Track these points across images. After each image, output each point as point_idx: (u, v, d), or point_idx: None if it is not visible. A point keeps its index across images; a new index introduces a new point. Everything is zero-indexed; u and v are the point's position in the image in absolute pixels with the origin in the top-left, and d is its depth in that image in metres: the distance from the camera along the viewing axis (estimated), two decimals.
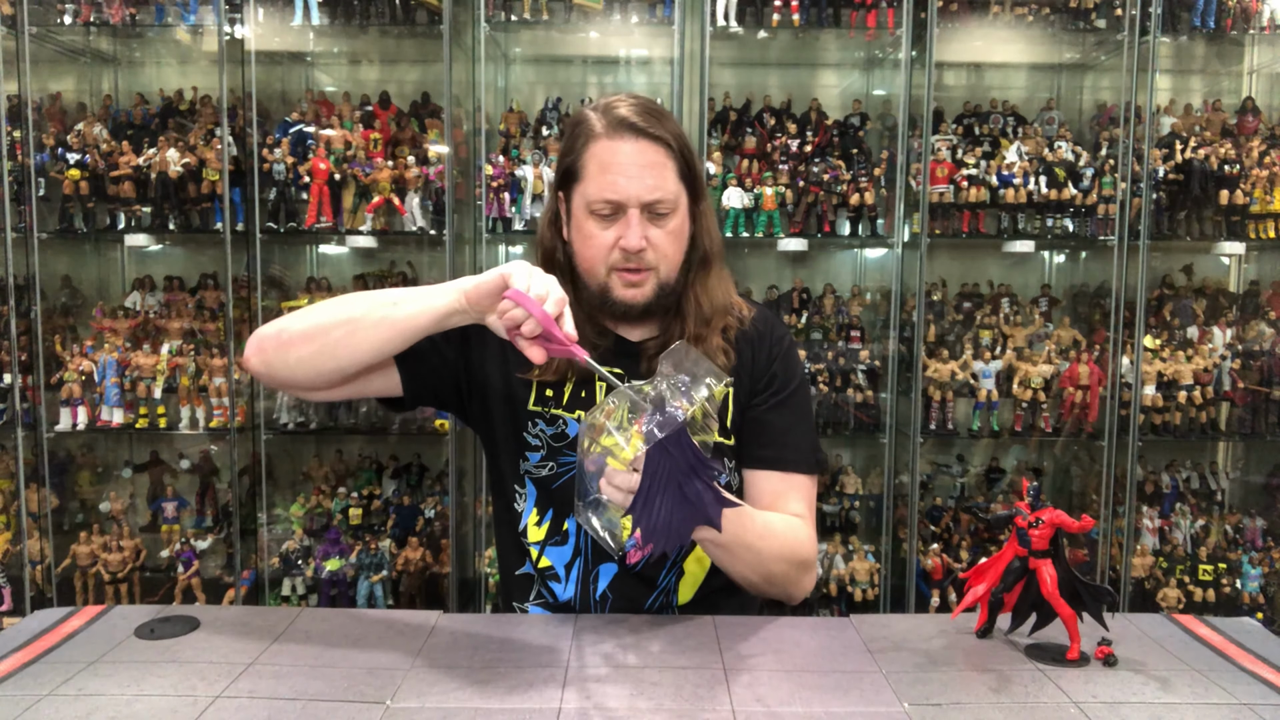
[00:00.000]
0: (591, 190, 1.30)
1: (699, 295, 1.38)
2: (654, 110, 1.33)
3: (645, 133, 1.29)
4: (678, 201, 1.33)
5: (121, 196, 2.81)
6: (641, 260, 1.32)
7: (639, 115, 1.30)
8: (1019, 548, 1.15)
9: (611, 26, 2.90)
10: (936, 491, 3.05)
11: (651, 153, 1.30)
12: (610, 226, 1.31)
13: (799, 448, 1.40)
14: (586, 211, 1.32)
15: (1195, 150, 2.82)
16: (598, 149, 1.30)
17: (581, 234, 1.34)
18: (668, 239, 1.33)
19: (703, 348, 1.36)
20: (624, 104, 1.32)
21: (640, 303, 1.34)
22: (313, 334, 1.25)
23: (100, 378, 2.83)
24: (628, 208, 1.29)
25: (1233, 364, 2.86)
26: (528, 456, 1.40)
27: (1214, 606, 2.83)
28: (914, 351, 2.80)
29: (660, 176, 1.30)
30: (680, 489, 1.06)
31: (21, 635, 1.19)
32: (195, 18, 2.79)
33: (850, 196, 2.82)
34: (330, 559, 2.80)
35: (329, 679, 1.06)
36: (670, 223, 1.32)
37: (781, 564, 1.31)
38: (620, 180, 1.28)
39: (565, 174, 1.35)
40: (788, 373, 1.43)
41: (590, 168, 1.31)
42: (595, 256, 1.32)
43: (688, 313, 1.38)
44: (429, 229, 2.81)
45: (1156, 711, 1.00)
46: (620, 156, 1.29)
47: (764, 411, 1.41)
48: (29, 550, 2.86)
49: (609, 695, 1.03)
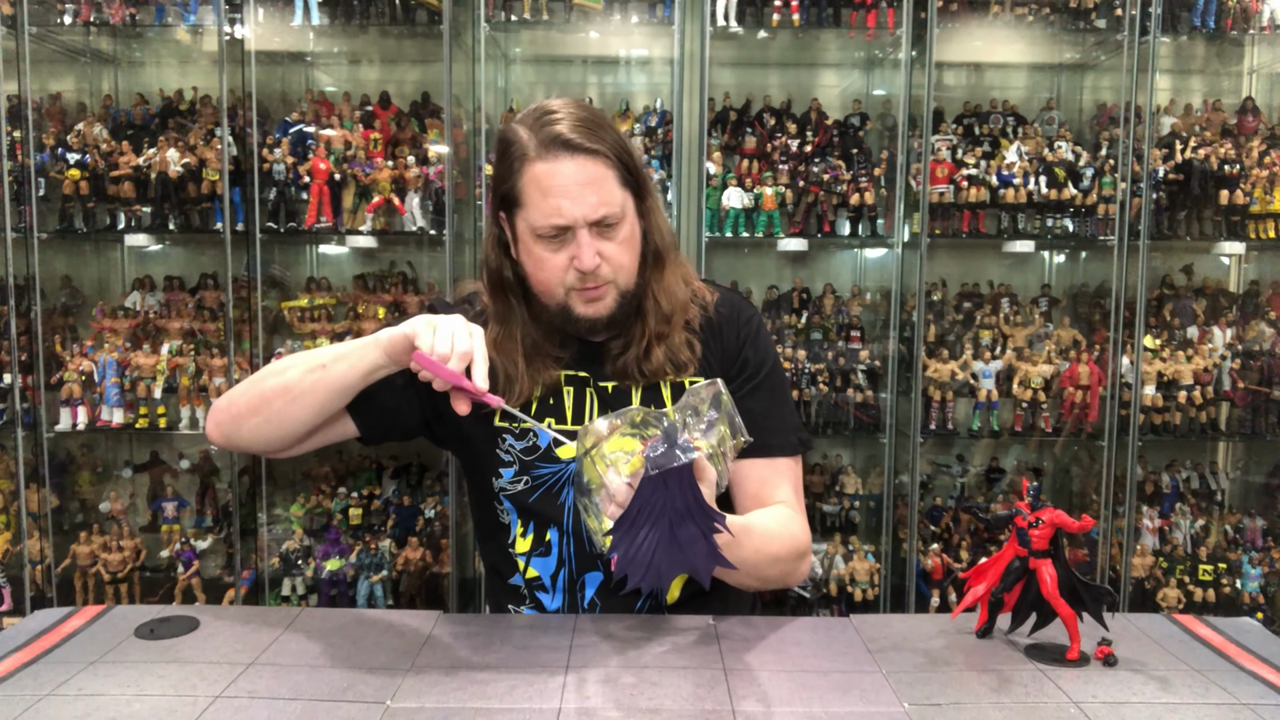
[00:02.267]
0: (535, 217, 1.26)
1: (657, 293, 1.36)
2: (585, 120, 1.27)
3: (581, 148, 1.24)
4: (625, 210, 1.29)
5: (121, 196, 2.81)
6: (598, 277, 1.29)
7: (571, 130, 1.24)
8: (1019, 548, 1.15)
9: (611, 26, 2.90)
10: (936, 491, 3.05)
11: (590, 168, 1.25)
12: (561, 249, 1.28)
13: (780, 430, 1.38)
14: (534, 237, 1.28)
15: (1195, 150, 2.82)
16: (534, 172, 1.25)
17: (533, 259, 1.30)
18: (621, 249, 1.30)
19: (666, 344, 1.35)
20: (555, 119, 1.26)
21: (604, 315, 1.32)
22: (256, 406, 1.31)
23: (100, 378, 2.82)
24: (575, 229, 1.26)
25: (1233, 364, 2.86)
26: (501, 474, 1.38)
27: (1214, 606, 2.83)
28: (914, 351, 2.80)
29: (603, 191, 1.26)
30: (671, 528, 0.99)
31: (21, 635, 1.19)
32: (195, 18, 2.79)
33: (850, 196, 2.81)
34: (330, 559, 2.80)
35: (329, 679, 1.06)
36: (620, 233, 1.29)
37: (778, 565, 1.30)
38: (564, 203, 1.24)
39: (504, 199, 1.31)
40: (760, 355, 1.41)
41: (530, 193, 1.26)
42: (550, 279, 1.30)
43: (647, 310, 1.36)
44: (429, 229, 2.80)
45: (1156, 711, 1.00)
46: (559, 179, 1.24)
47: (740, 399, 1.35)
48: (29, 550, 2.86)
49: (609, 695, 1.03)
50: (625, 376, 1.37)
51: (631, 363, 1.35)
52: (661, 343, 1.35)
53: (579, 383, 1.39)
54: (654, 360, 1.35)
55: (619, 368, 1.37)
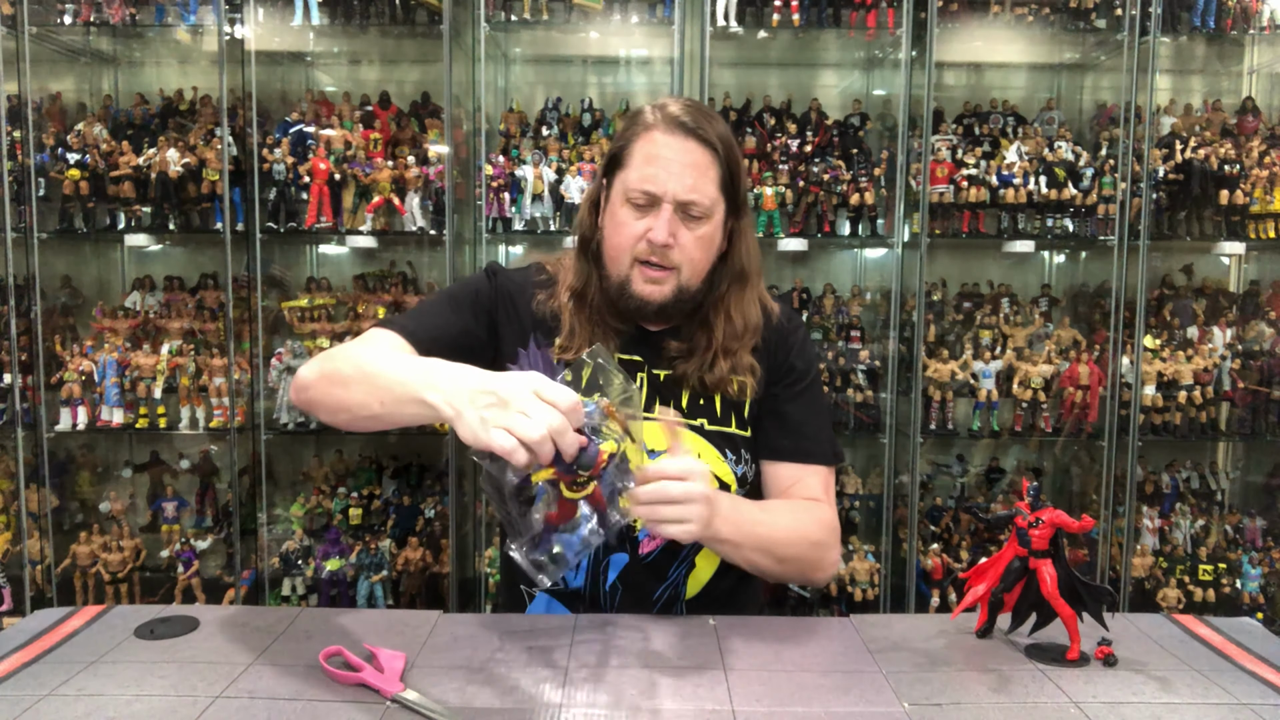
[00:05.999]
0: (632, 178, 1.33)
1: (732, 310, 1.40)
2: (708, 114, 1.36)
3: (694, 132, 1.32)
4: (713, 209, 1.35)
5: (121, 196, 2.81)
6: (665, 257, 1.33)
7: (690, 115, 1.33)
8: (1019, 548, 1.15)
9: (611, 26, 2.90)
10: (936, 491, 3.05)
11: (696, 153, 1.32)
12: (643, 217, 1.33)
13: (817, 439, 1.43)
14: (623, 198, 1.34)
15: (1195, 150, 2.81)
16: (646, 140, 1.33)
17: (614, 220, 1.36)
18: (696, 243, 1.34)
19: (732, 361, 1.39)
20: (678, 103, 1.35)
21: (657, 301, 1.35)
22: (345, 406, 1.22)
23: (100, 378, 2.82)
24: (662, 202, 1.31)
25: (1233, 364, 2.86)
26: None
27: (1214, 606, 2.83)
28: (914, 351, 2.80)
29: (700, 178, 1.32)
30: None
31: (21, 635, 1.19)
32: (195, 18, 2.79)
33: (850, 196, 2.81)
34: (330, 559, 2.80)
35: (329, 679, 1.06)
36: (701, 228, 1.34)
37: (793, 546, 1.32)
38: (660, 173, 1.31)
39: (611, 159, 1.38)
40: (805, 364, 1.46)
41: (635, 157, 1.34)
42: (623, 244, 1.34)
43: (715, 324, 1.40)
44: (429, 229, 2.80)
45: (1156, 711, 1.00)
46: (665, 150, 1.32)
47: (782, 403, 1.43)
48: (29, 550, 2.86)
49: (609, 695, 1.03)
50: (683, 383, 1.40)
51: (693, 372, 1.39)
52: (729, 358, 1.39)
53: (630, 368, 1.41)
54: (717, 373, 1.39)
55: (678, 375, 1.40)
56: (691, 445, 1.34)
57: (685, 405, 1.41)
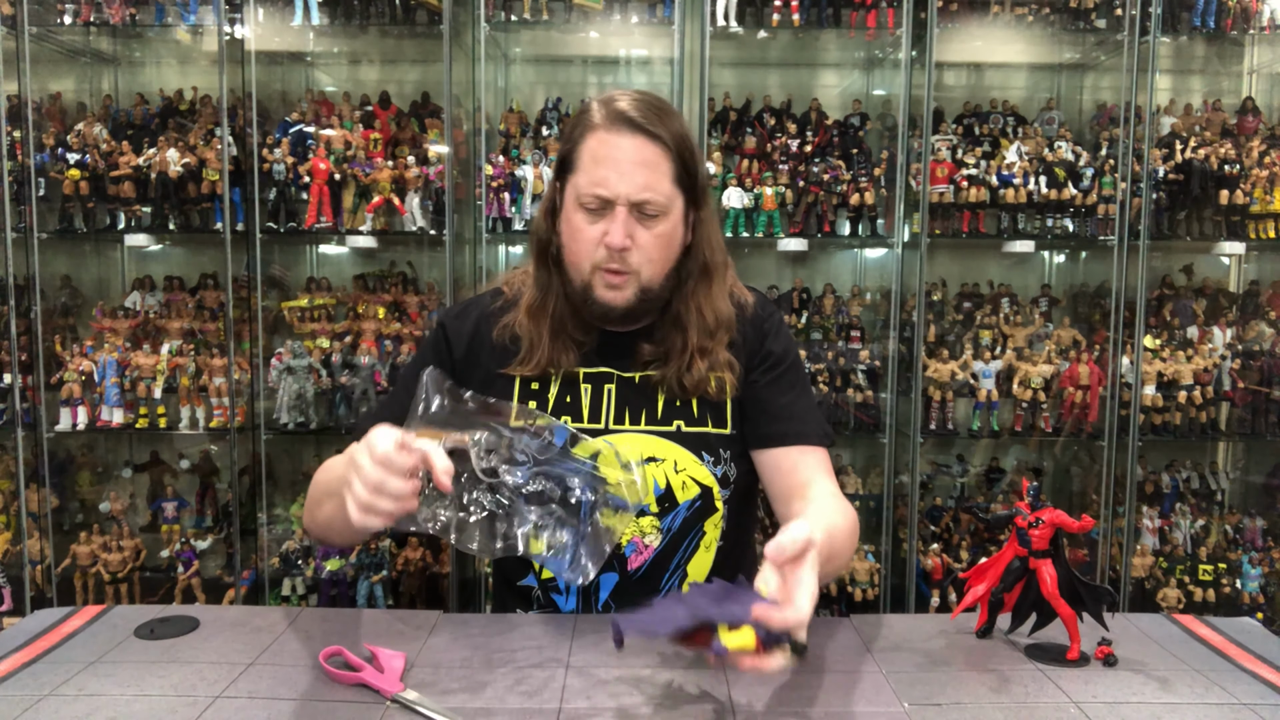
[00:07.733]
0: (583, 183, 1.28)
1: (702, 307, 1.36)
2: (657, 107, 1.30)
3: (642, 129, 1.26)
4: (670, 205, 1.29)
5: (121, 196, 2.81)
6: (624, 261, 1.29)
7: (639, 111, 1.27)
8: (1019, 548, 1.15)
9: (611, 26, 2.90)
10: (936, 491, 3.05)
11: (647, 151, 1.26)
12: (597, 221, 1.28)
13: (807, 420, 1.38)
14: (576, 203, 1.29)
15: (1195, 150, 2.81)
16: (593, 141, 1.28)
17: (570, 226, 1.31)
18: (655, 242, 1.29)
19: (708, 360, 1.35)
20: (626, 98, 1.29)
21: (620, 305, 1.32)
22: (326, 531, 1.32)
23: (100, 378, 2.82)
24: (615, 204, 1.26)
25: (1233, 364, 2.86)
26: None
27: (1214, 606, 2.83)
28: (914, 351, 2.80)
29: (653, 176, 1.27)
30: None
31: (21, 635, 1.19)
32: (195, 18, 2.79)
33: (850, 196, 2.81)
34: (330, 559, 2.80)
35: (329, 679, 1.06)
36: (659, 226, 1.29)
37: (849, 554, 1.30)
38: (611, 175, 1.26)
39: (561, 163, 1.34)
40: (782, 348, 1.42)
41: (584, 159, 1.28)
42: (580, 251, 1.30)
43: (688, 323, 1.35)
44: (429, 229, 2.80)
45: (1156, 711, 1.00)
46: (614, 151, 1.26)
47: (763, 389, 1.38)
48: (29, 550, 2.86)
49: (609, 695, 1.03)
50: (660, 387, 1.37)
51: (672, 377, 1.35)
52: (705, 357, 1.35)
53: (597, 380, 1.38)
54: (695, 375, 1.35)
55: (655, 379, 1.37)
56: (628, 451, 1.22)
57: (660, 409, 1.37)
